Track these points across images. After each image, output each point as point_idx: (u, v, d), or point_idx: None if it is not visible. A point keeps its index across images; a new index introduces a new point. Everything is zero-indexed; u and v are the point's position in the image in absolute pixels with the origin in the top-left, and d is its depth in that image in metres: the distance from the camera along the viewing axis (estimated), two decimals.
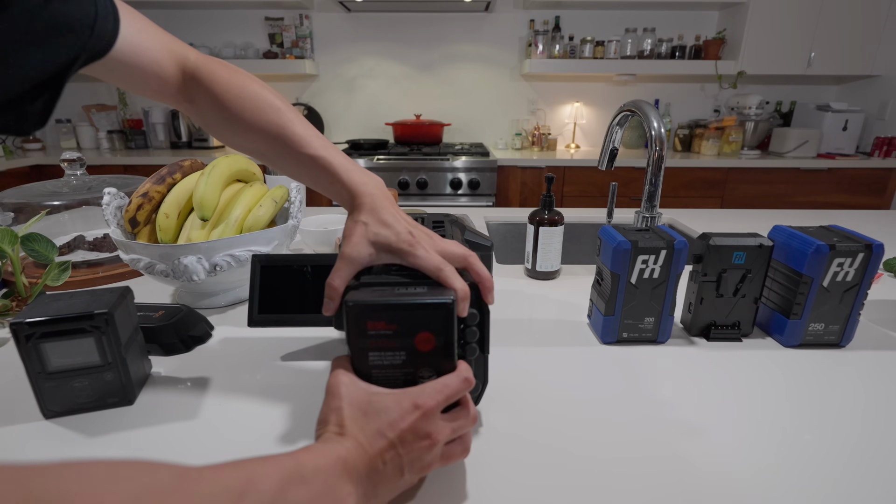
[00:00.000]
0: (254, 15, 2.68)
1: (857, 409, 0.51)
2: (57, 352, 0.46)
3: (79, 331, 0.46)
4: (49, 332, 0.45)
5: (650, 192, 0.82)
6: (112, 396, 0.50)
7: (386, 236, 0.41)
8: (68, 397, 0.48)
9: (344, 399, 0.35)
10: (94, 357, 0.47)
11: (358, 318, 0.35)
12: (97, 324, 0.46)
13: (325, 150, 0.48)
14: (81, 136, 2.71)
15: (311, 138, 0.48)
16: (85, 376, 0.48)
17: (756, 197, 2.41)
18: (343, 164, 0.47)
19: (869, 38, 2.42)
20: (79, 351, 0.46)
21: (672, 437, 0.47)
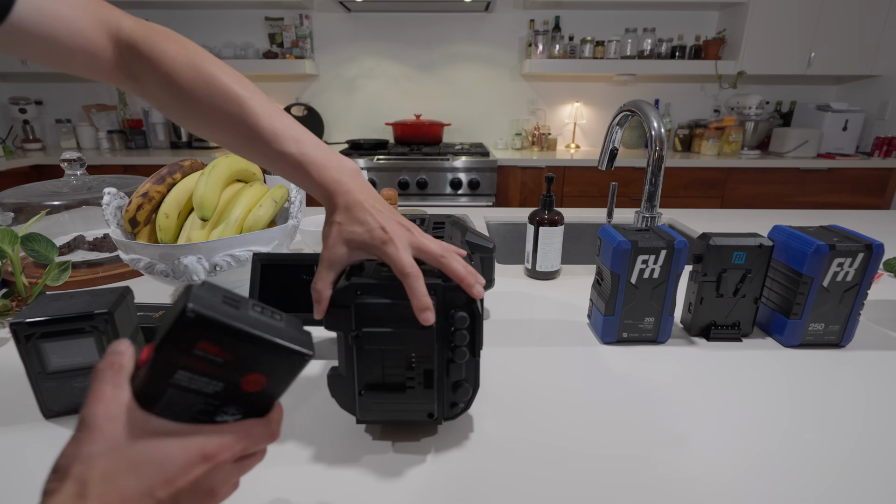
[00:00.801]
0: (254, 15, 2.68)
1: (858, 409, 0.51)
2: (57, 352, 0.46)
3: (78, 331, 0.46)
4: (49, 332, 0.45)
5: (650, 192, 0.82)
6: None
7: (359, 234, 0.40)
8: (68, 397, 0.48)
9: (104, 442, 0.24)
10: (94, 357, 0.47)
11: (190, 331, 0.25)
12: (97, 324, 0.46)
13: (296, 146, 0.43)
14: (81, 136, 2.71)
15: (279, 132, 0.43)
16: (85, 376, 0.48)
17: (756, 197, 2.41)
18: (315, 160, 0.43)
19: (869, 38, 2.42)
20: (79, 351, 0.46)
21: (672, 437, 0.47)
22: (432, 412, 0.44)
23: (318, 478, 0.42)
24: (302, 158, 0.43)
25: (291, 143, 0.43)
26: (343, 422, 0.48)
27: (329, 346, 0.63)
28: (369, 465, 0.43)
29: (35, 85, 2.76)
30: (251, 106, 0.43)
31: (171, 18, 2.68)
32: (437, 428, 0.48)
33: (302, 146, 0.43)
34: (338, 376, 0.45)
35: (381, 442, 0.46)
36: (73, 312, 0.45)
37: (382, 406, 0.44)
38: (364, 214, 0.40)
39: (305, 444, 0.45)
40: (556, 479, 0.42)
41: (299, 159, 0.43)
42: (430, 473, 0.42)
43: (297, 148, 0.43)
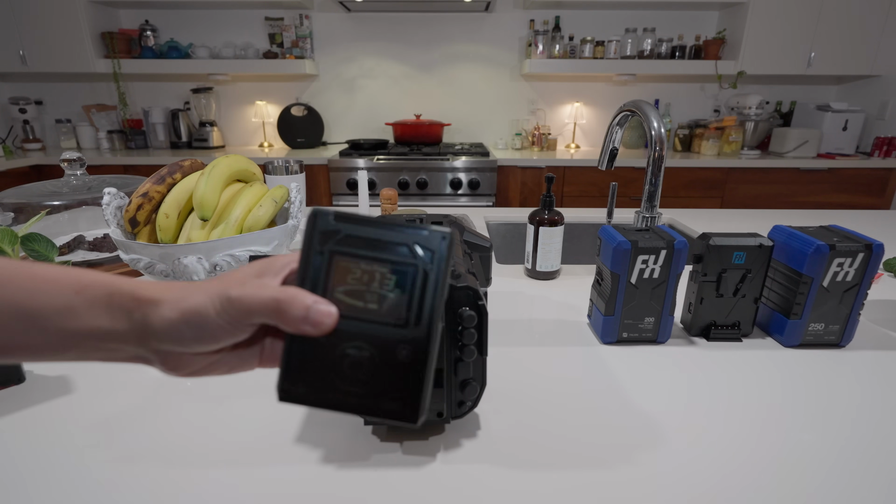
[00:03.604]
0: (254, 15, 2.68)
1: (857, 409, 0.51)
2: None
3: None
4: None
5: (650, 192, 0.82)
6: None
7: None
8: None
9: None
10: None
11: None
12: None
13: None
14: (81, 136, 2.71)
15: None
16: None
17: (756, 197, 2.41)
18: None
19: (869, 38, 2.42)
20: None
21: (672, 437, 0.47)
22: (441, 411, 0.44)
23: (328, 479, 0.42)
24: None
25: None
26: (350, 423, 0.48)
27: None
28: (380, 464, 0.43)
29: (35, 85, 2.76)
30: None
31: (172, 18, 2.68)
32: (444, 427, 0.48)
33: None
34: None
35: (389, 443, 0.46)
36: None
37: None
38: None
39: (314, 446, 0.45)
40: (555, 485, 0.42)
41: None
42: (440, 472, 0.42)
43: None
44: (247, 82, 2.81)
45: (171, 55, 2.58)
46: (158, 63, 2.53)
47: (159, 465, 0.43)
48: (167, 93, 2.81)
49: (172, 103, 2.81)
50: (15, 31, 2.41)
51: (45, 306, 0.26)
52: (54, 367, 0.57)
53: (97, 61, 2.48)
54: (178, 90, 2.80)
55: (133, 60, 2.52)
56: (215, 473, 0.42)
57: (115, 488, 0.40)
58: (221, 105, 2.84)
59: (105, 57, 2.52)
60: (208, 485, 0.41)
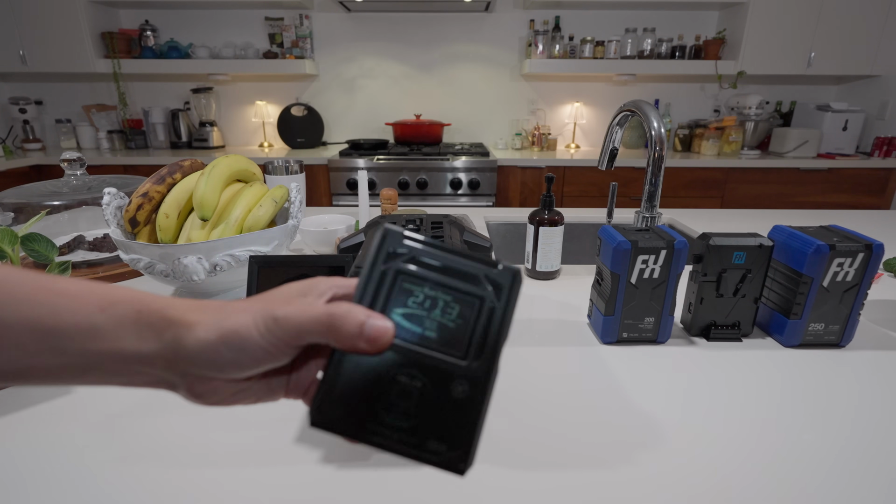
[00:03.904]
0: (254, 15, 2.68)
1: (857, 409, 0.51)
2: None
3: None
4: None
5: (650, 192, 0.82)
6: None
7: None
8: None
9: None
10: None
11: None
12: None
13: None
14: (81, 136, 2.71)
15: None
16: None
17: (756, 197, 2.41)
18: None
19: (869, 38, 2.42)
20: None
21: (672, 436, 0.47)
22: None
23: (328, 479, 0.42)
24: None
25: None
26: None
27: None
28: (380, 464, 0.43)
29: (35, 85, 2.76)
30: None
31: (172, 18, 2.68)
32: None
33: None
34: None
35: None
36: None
37: None
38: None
39: (314, 447, 0.45)
40: (555, 485, 0.42)
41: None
42: (440, 473, 0.42)
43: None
44: (247, 82, 2.81)
45: (171, 55, 2.58)
46: (158, 63, 2.53)
47: (159, 465, 0.43)
48: (167, 93, 2.81)
49: (172, 103, 2.81)
50: (15, 31, 2.41)
51: (67, 325, 0.24)
52: None
53: (97, 61, 2.48)
54: (178, 90, 2.80)
55: (133, 60, 2.52)
56: (215, 474, 0.42)
57: (115, 488, 0.40)
58: (221, 105, 2.84)
59: (105, 57, 2.52)
60: (208, 485, 0.41)
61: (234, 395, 0.28)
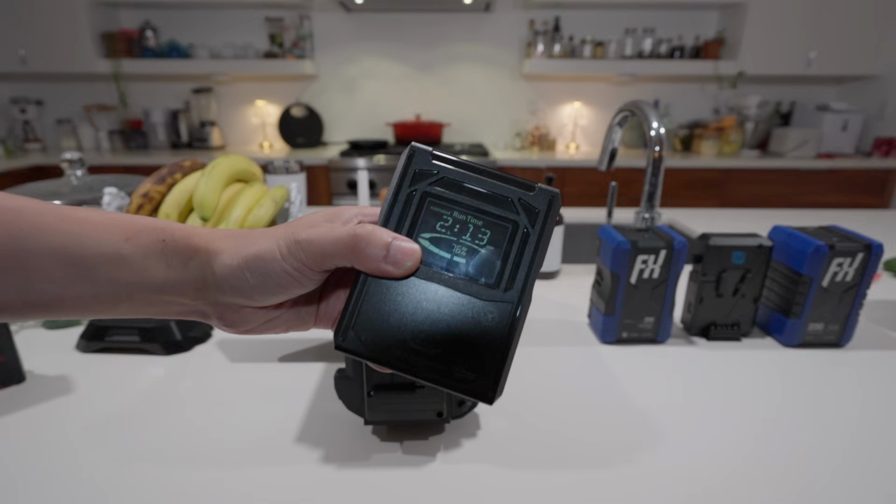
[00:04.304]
0: (254, 15, 2.68)
1: (856, 409, 0.51)
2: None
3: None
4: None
5: (650, 192, 0.82)
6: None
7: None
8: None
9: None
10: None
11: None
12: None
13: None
14: (82, 137, 2.71)
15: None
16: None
17: (756, 197, 2.41)
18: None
19: (869, 38, 2.42)
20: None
21: (672, 436, 0.47)
22: (441, 411, 0.44)
23: (328, 479, 0.42)
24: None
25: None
26: (350, 424, 0.48)
27: (334, 348, 0.63)
28: (380, 464, 0.43)
29: (35, 85, 2.76)
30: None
31: (172, 18, 2.68)
32: (444, 427, 0.48)
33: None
34: (345, 378, 0.45)
35: (389, 443, 0.46)
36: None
37: (391, 406, 0.44)
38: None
39: (314, 446, 0.45)
40: (554, 484, 0.42)
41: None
42: (440, 472, 0.42)
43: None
44: (247, 82, 2.81)
45: (172, 55, 2.58)
46: (159, 63, 2.54)
47: (159, 465, 0.43)
48: (167, 93, 2.81)
49: (172, 103, 2.81)
50: (15, 31, 2.41)
51: (94, 254, 0.23)
52: (54, 367, 0.57)
53: (97, 61, 2.48)
54: (179, 90, 2.80)
55: (133, 61, 2.52)
56: (215, 474, 0.42)
57: (115, 488, 0.40)
58: (221, 105, 2.84)
59: (105, 57, 2.52)
60: (208, 485, 0.41)
61: (266, 325, 0.28)
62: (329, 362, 0.59)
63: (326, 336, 0.65)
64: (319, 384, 0.55)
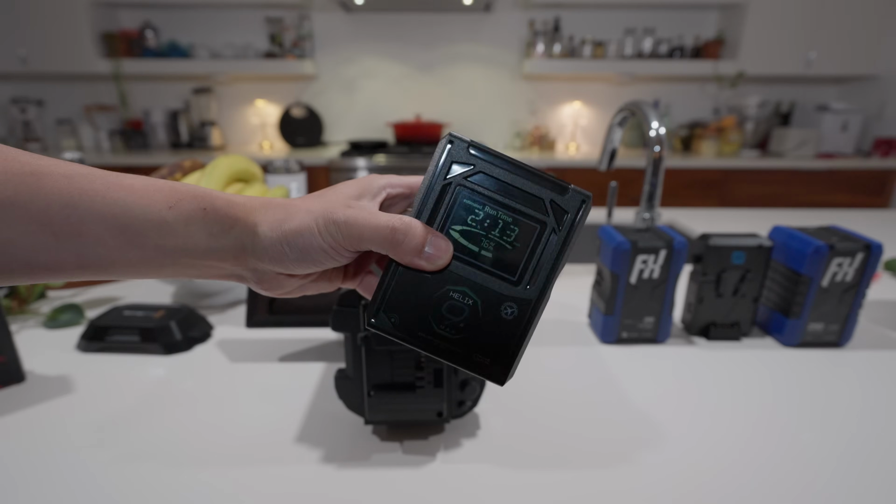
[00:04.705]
0: (254, 15, 2.68)
1: (856, 409, 0.51)
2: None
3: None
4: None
5: (650, 192, 0.82)
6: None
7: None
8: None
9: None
10: None
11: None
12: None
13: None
14: (82, 137, 2.71)
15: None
16: None
17: (756, 197, 2.41)
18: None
19: (869, 38, 2.42)
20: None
21: (672, 436, 0.47)
22: (441, 411, 0.44)
23: (328, 479, 0.42)
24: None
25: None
26: (350, 423, 0.48)
27: (334, 348, 0.63)
28: (380, 464, 0.43)
29: (36, 85, 2.76)
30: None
31: (172, 18, 2.68)
32: (444, 427, 0.48)
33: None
34: (345, 378, 0.45)
35: (389, 442, 0.46)
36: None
37: (391, 406, 0.44)
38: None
39: (314, 446, 0.45)
40: (554, 482, 0.42)
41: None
42: (441, 472, 0.42)
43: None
44: (247, 82, 2.81)
45: (172, 55, 2.58)
46: (159, 63, 2.54)
47: (159, 465, 0.43)
48: (167, 93, 2.81)
49: (173, 103, 2.81)
50: (15, 31, 2.41)
51: (141, 222, 0.24)
52: (54, 367, 0.58)
53: (98, 61, 2.48)
54: (179, 90, 2.80)
55: (134, 61, 2.52)
56: (215, 473, 0.42)
57: (115, 488, 0.40)
58: (221, 105, 2.84)
59: (105, 57, 2.52)
60: (208, 485, 0.41)
61: (300, 289, 0.30)
62: (329, 362, 0.59)
63: (327, 336, 0.65)
64: (319, 384, 0.55)
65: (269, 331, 0.66)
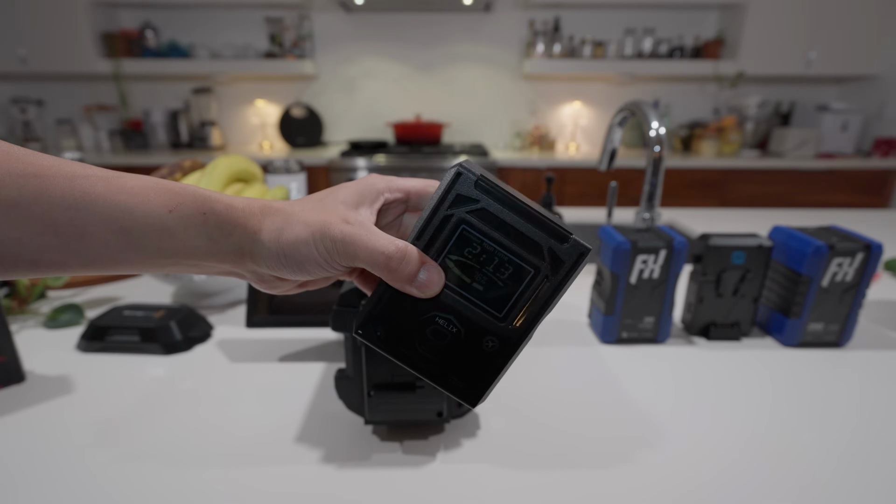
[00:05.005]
0: (254, 15, 2.68)
1: (856, 409, 0.51)
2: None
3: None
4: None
5: (650, 192, 0.82)
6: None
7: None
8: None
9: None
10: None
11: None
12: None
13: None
14: (82, 137, 2.71)
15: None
16: None
17: (756, 197, 2.41)
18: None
19: (869, 38, 2.42)
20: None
21: (672, 436, 0.47)
22: (441, 411, 0.44)
23: (328, 479, 0.42)
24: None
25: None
26: (350, 423, 0.48)
27: (334, 348, 0.63)
28: (380, 464, 0.43)
29: (36, 85, 2.76)
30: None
31: (172, 18, 2.68)
32: (444, 427, 0.48)
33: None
34: (345, 378, 0.45)
35: (389, 442, 0.46)
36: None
37: (391, 406, 0.44)
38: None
39: (314, 446, 0.45)
40: (554, 482, 0.42)
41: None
42: (441, 472, 0.42)
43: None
44: (247, 82, 2.81)
45: (172, 55, 2.58)
46: (159, 63, 2.53)
47: (159, 465, 0.43)
48: (167, 93, 2.81)
49: (173, 103, 2.81)
50: (15, 31, 2.41)
51: (143, 226, 0.25)
52: (54, 367, 0.58)
53: (98, 61, 2.48)
54: (179, 90, 2.80)
55: (134, 61, 2.52)
56: (215, 473, 0.42)
57: (115, 488, 0.40)
58: (221, 105, 2.84)
59: (105, 57, 2.52)
60: (208, 485, 0.41)
61: (299, 286, 0.31)
62: (329, 362, 0.59)
63: (327, 336, 0.65)
64: (319, 384, 0.55)
65: (269, 331, 0.66)
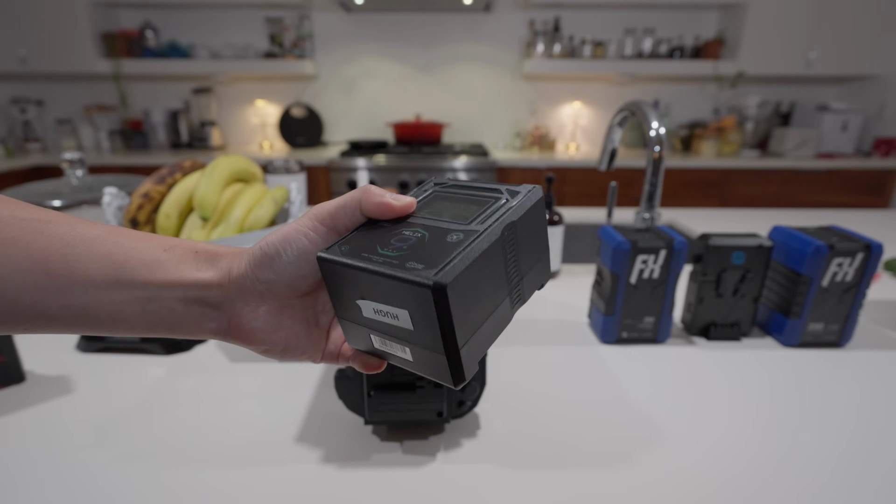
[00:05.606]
0: (254, 15, 2.68)
1: (856, 409, 0.51)
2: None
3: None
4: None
5: (650, 192, 0.82)
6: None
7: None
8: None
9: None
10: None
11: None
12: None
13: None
14: (82, 137, 2.71)
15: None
16: None
17: (755, 197, 2.41)
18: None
19: (869, 38, 2.42)
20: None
21: (672, 435, 0.47)
22: (441, 411, 0.44)
23: (328, 479, 0.42)
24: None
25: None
26: (350, 423, 0.48)
27: None
28: (380, 464, 0.43)
29: (36, 85, 2.76)
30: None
31: (172, 18, 2.68)
32: (444, 427, 0.48)
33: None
34: (345, 378, 0.45)
35: (389, 443, 0.46)
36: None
37: (392, 406, 0.44)
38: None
39: (314, 446, 0.45)
40: (554, 481, 0.42)
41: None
42: (441, 472, 0.42)
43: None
44: (247, 82, 2.81)
45: (172, 55, 2.58)
46: (159, 63, 2.53)
47: (159, 465, 0.43)
48: (167, 93, 2.81)
49: (173, 103, 2.81)
50: (15, 31, 2.41)
51: (134, 259, 0.26)
52: (54, 367, 0.58)
53: (98, 61, 2.48)
54: (179, 90, 2.80)
55: (134, 61, 2.52)
56: (215, 473, 0.42)
57: (115, 488, 0.40)
58: (221, 105, 2.84)
59: (105, 57, 2.52)
60: (208, 484, 0.41)
61: (282, 353, 0.30)
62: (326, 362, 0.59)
63: None
64: (319, 384, 0.55)
65: None
